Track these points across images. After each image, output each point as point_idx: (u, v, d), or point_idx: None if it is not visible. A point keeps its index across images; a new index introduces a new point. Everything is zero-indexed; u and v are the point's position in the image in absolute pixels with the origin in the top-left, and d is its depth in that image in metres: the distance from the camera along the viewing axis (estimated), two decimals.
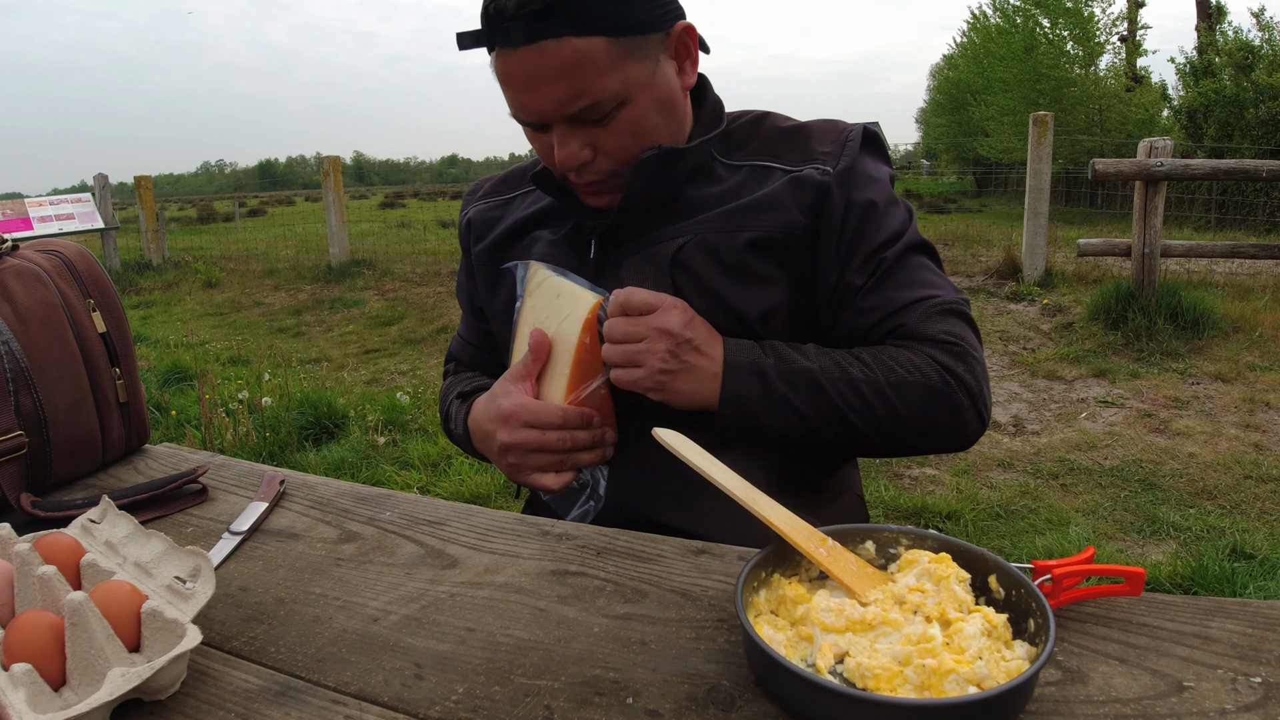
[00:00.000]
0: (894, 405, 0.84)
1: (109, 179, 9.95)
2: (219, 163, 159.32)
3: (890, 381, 0.84)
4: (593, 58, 0.81)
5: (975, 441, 0.91)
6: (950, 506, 2.88)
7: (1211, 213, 10.90)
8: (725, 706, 0.55)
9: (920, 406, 0.84)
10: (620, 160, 0.89)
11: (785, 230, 0.90)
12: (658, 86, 0.88)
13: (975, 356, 0.88)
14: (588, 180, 0.91)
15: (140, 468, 1.05)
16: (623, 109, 0.86)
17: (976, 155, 20.82)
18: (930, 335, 0.87)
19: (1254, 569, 2.39)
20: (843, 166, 0.91)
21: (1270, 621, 0.61)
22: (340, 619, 0.67)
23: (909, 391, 0.84)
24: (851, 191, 0.90)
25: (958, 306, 0.90)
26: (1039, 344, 4.96)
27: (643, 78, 0.86)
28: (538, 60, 0.81)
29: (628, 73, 0.84)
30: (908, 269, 0.91)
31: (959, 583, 0.61)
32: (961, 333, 0.88)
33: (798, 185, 0.90)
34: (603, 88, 0.83)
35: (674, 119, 0.92)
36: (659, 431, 0.71)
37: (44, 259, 1.01)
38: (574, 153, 0.87)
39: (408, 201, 27.74)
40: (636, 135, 0.88)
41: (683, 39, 0.90)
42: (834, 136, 0.94)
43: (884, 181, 0.94)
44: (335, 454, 3.51)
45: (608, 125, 0.86)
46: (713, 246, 0.90)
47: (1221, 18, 16.62)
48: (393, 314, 6.80)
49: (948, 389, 0.85)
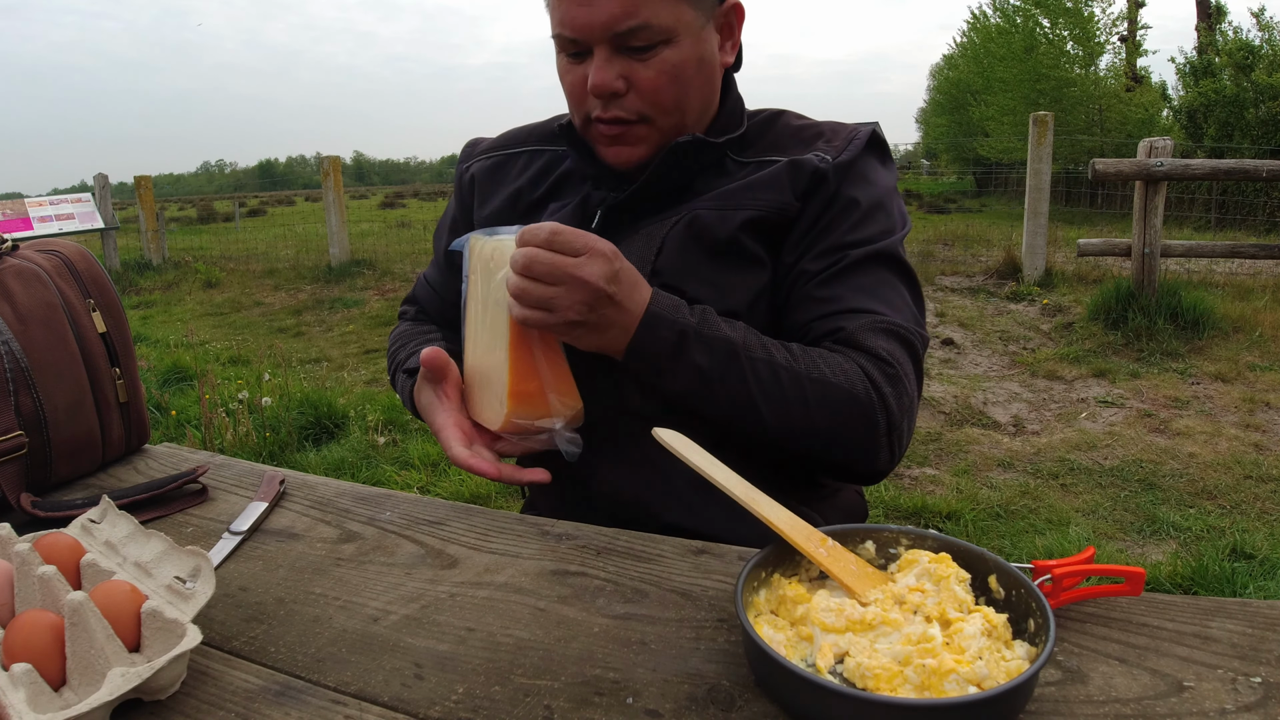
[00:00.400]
0: (806, 399, 0.80)
1: (109, 179, 9.95)
2: (219, 163, 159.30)
3: (810, 376, 0.81)
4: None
5: (881, 476, 0.86)
6: (950, 506, 2.88)
7: (1211, 213, 10.90)
8: (725, 706, 0.55)
9: (833, 409, 0.81)
10: (651, 102, 0.89)
11: (779, 211, 0.90)
12: (703, 42, 0.89)
13: (907, 388, 0.84)
14: (612, 116, 0.90)
15: (140, 468, 1.05)
16: (667, 46, 0.87)
17: (976, 155, 20.82)
18: (867, 347, 0.84)
19: (1254, 569, 2.39)
20: (843, 159, 0.91)
21: (1270, 621, 0.61)
22: (340, 619, 0.67)
23: (827, 390, 0.81)
24: (843, 184, 0.90)
25: (906, 333, 0.86)
26: (1039, 344, 4.96)
27: (693, 25, 0.87)
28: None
29: (681, 13, 0.86)
30: (869, 277, 0.88)
31: (959, 583, 0.61)
32: (901, 358, 0.85)
33: (795, 168, 0.91)
34: (655, 14, 0.84)
35: (708, 86, 0.93)
36: (659, 431, 0.71)
37: (44, 259, 1.01)
38: (609, 80, 0.87)
39: (408, 201, 27.73)
40: (673, 80, 0.88)
41: (730, 15, 0.92)
42: (843, 134, 0.95)
43: (879, 186, 0.93)
44: (335, 454, 3.51)
45: (648, 60, 0.87)
46: (706, 225, 0.90)
47: (1221, 18, 16.63)
48: (393, 314, 6.80)
49: (869, 403, 0.81)
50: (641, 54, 0.86)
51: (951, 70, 26.46)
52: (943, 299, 6.16)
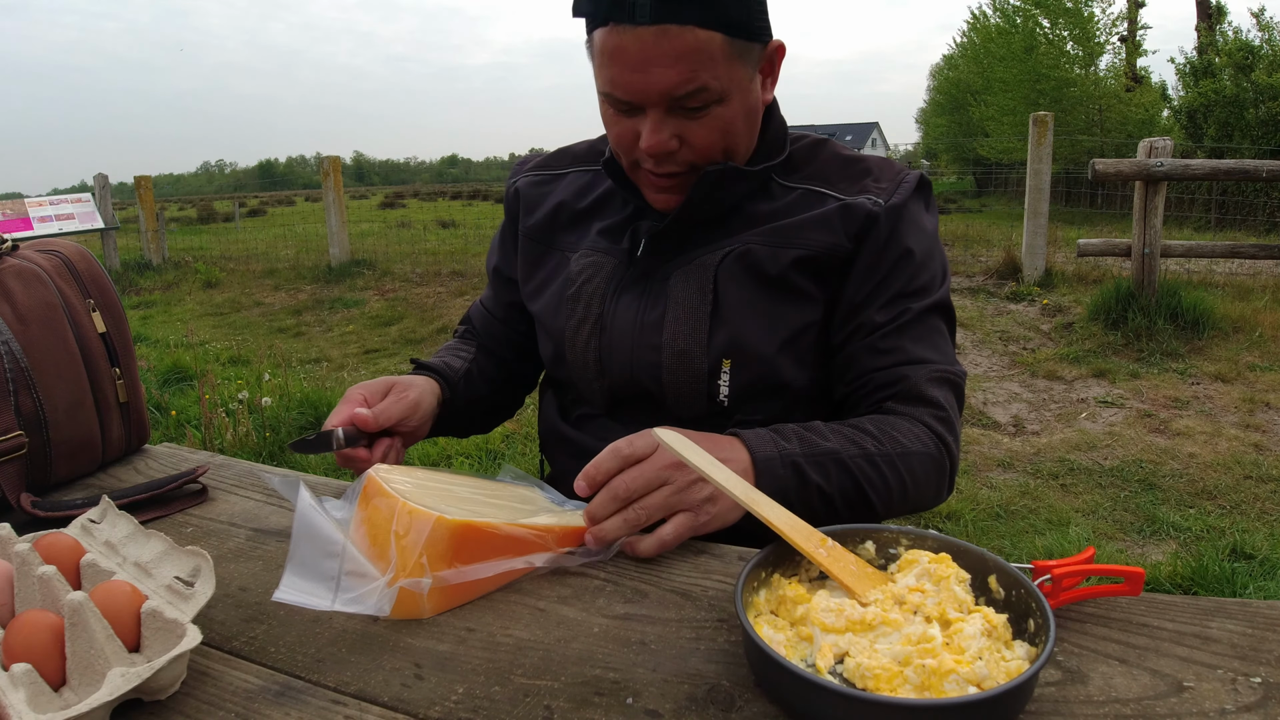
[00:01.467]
0: (903, 475, 0.87)
1: (109, 179, 9.95)
2: (219, 163, 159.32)
3: (899, 453, 0.87)
4: (710, 50, 0.83)
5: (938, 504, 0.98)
6: (950, 506, 2.88)
7: (1211, 213, 10.90)
8: (725, 706, 0.55)
9: (922, 474, 0.89)
10: (703, 156, 0.90)
11: (830, 252, 0.92)
12: (751, 94, 0.90)
13: (957, 427, 0.94)
14: (665, 171, 0.91)
15: (140, 468, 1.05)
16: (720, 105, 0.87)
17: (976, 155, 20.83)
18: (928, 397, 0.91)
19: (1254, 569, 2.39)
20: (895, 202, 0.93)
21: (1270, 621, 0.61)
22: (340, 619, 0.67)
23: (914, 461, 0.88)
24: (897, 228, 0.93)
25: (954, 377, 0.95)
26: (1039, 344, 4.96)
27: (743, 82, 0.88)
28: (658, 42, 0.82)
29: (734, 72, 0.86)
30: (926, 327, 0.94)
31: (959, 583, 0.61)
32: (951, 401, 0.94)
33: (848, 211, 0.93)
34: (713, 78, 0.84)
35: (753, 130, 0.94)
36: (659, 431, 0.71)
37: (44, 259, 1.01)
38: (664, 140, 0.87)
39: (408, 201, 27.74)
40: (724, 135, 0.89)
41: (774, 57, 0.93)
42: (890, 174, 0.97)
43: (928, 233, 0.96)
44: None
45: (701, 119, 0.87)
46: (758, 259, 0.92)
47: (1221, 18, 16.62)
48: (393, 314, 6.80)
49: (940, 455, 0.90)
50: (696, 114, 0.87)
51: (951, 70, 26.48)
52: None
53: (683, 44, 0.82)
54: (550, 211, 1.07)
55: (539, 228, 1.08)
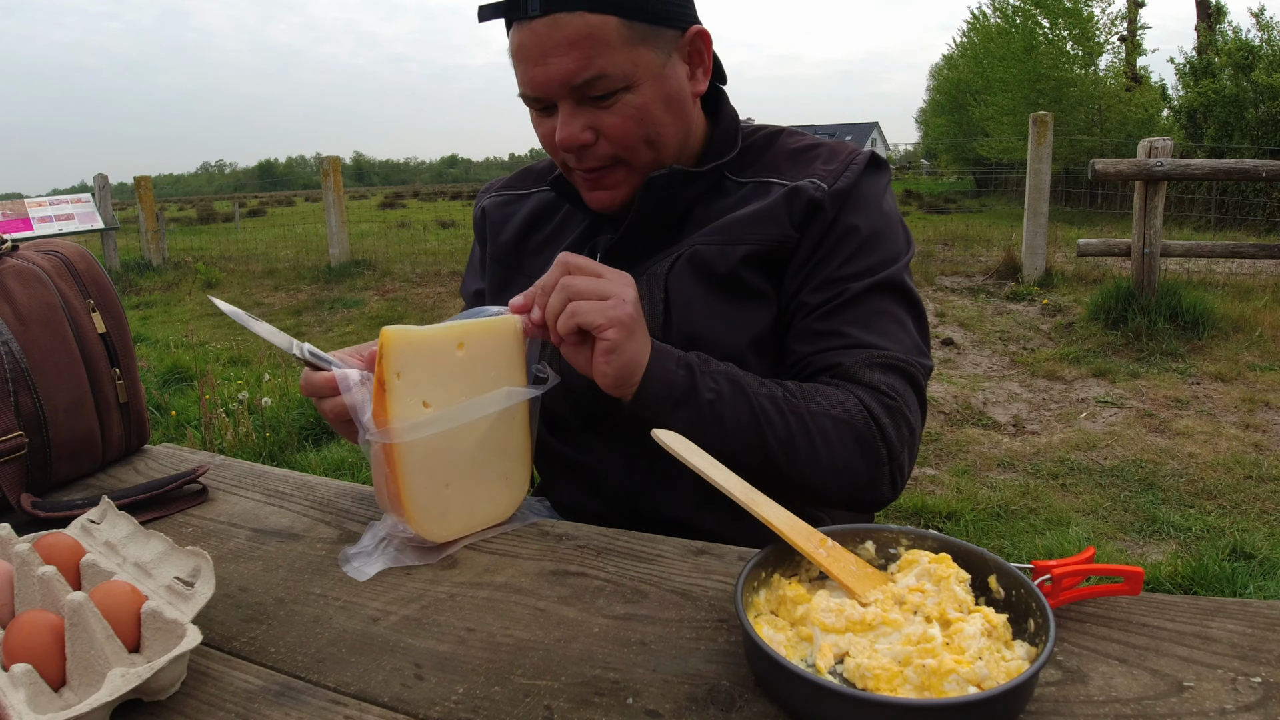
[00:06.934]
0: (812, 433, 0.80)
1: (109, 179, 9.95)
2: (219, 163, 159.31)
3: (811, 410, 0.81)
4: (604, 34, 0.82)
5: (883, 505, 0.88)
6: (950, 506, 2.88)
7: (1211, 213, 10.90)
8: (725, 706, 0.55)
9: (837, 440, 0.81)
10: (623, 147, 0.88)
11: (778, 243, 0.89)
12: (667, 80, 0.88)
13: (907, 419, 0.84)
14: (588, 166, 0.90)
15: (140, 468, 1.05)
16: (628, 92, 0.86)
17: (976, 155, 20.82)
18: (866, 381, 0.84)
19: (1254, 569, 2.39)
20: (840, 185, 0.89)
21: (1270, 621, 0.61)
22: (340, 619, 0.67)
23: (828, 423, 0.81)
24: (841, 211, 0.89)
25: (906, 365, 0.86)
26: (1039, 344, 4.96)
27: (652, 67, 0.86)
28: (550, 32, 0.82)
29: (637, 56, 0.84)
30: (869, 309, 0.88)
31: (959, 583, 0.61)
32: (901, 390, 0.85)
33: (793, 197, 0.89)
34: (610, 63, 0.83)
35: (681, 120, 0.91)
36: (658, 433, 0.71)
37: (44, 259, 1.01)
38: (575, 133, 0.87)
39: (408, 202, 27.72)
40: (640, 124, 0.87)
41: (696, 43, 0.91)
42: (840, 157, 0.93)
43: (880, 213, 0.91)
44: (335, 454, 3.51)
45: (611, 107, 0.86)
46: (706, 259, 0.89)
47: (1221, 18, 16.62)
48: (393, 314, 6.80)
49: (868, 431, 0.82)
50: (603, 102, 0.86)
51: (951, 70, 26.47)
52: (943, 299, 6.17)
53: (573, 30, 0.81)
54: (516, 234, 1.05)
55: (506, 250, 1.06)
